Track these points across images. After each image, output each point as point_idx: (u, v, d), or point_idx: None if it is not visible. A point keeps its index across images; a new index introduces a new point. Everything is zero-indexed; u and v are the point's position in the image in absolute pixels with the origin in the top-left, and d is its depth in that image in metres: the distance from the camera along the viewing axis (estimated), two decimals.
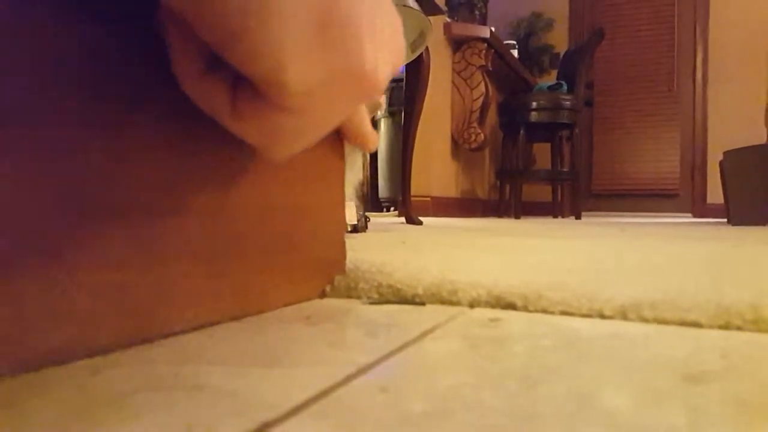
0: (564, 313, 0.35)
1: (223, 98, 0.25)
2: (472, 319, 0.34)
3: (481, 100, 3.00)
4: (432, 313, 0.35)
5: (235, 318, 0.32)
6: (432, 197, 2.72)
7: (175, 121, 0.29)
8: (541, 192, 3.84)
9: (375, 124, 2.95)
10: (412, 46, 1.32)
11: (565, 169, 3.46)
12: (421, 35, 1.31)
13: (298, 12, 0.21)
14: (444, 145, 2.98)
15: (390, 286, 0.39)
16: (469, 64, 3.02)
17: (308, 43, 0.22)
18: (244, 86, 0.24)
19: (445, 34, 2.91)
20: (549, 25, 4.35)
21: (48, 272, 0.23)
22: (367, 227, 1.24)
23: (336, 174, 0.43)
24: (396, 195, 1.92)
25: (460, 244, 0.87)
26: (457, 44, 3.04)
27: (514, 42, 3.82)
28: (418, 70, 1.72)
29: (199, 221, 0.30)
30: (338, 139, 0.43)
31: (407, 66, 1.70)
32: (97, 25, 0.25)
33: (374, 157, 2.91)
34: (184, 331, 0.29)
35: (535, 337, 0.29)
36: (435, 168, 2.80)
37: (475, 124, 3.01)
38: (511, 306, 0.36)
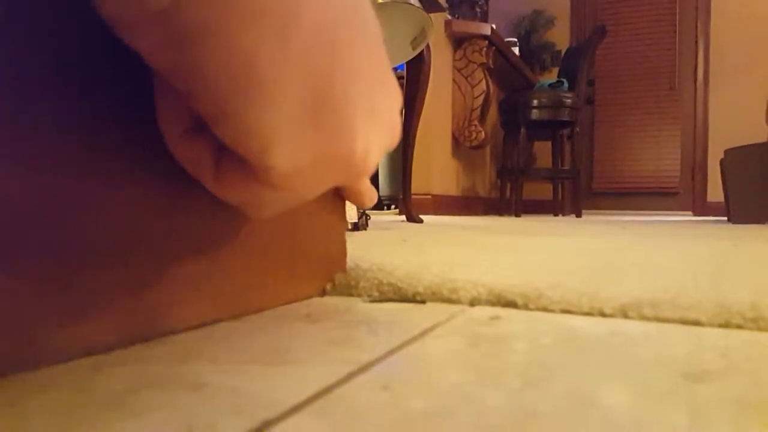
0: (564, 311, 0.35)
1: (206, 162, 0.24)
2: (473, 318, 0.34)
3: (482, 97, 3.00)
4: (432, 311, 0.35)
5: (236, 316, 0.32)
6: (433, 195, 2.71)
7: None
8: (542, 190, 3.84)
9: None
10: (413, 43, 1.32)
11: (565, 168, 3.46)
12: (422, 32, 1.31)
13: (290, 95, 0.20)
14: (445, 143, 2.98)
15: (390, 284, 0.39)
16: (470, 61, 3.01)
17: (299, 127, 0.21)
18: (229, 155, 0.23)
19: (446, 31, 2.90)
20: (550, 22, 4.34)
21: (48, 270, 0.23)
22: (367, 225, 1.24)
23: None
24: (396, 193, 1.92)
25: (460, 242, 0.87)
26: (458, 42, 3.03)
27: (515, 39, 3.81)
28: (419, 68, 1.72)
29: (199, 218, 0.30)
30: None
31: (408, 64, 1.70)
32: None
33: None
34: (184, 330, 0.29)
35: (536, 336, 0.29)
36: (436, 166, 2.80)
37: (476, 122, 3.01)
38: (511, 304, 0.36)
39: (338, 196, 0.43)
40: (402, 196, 1.83)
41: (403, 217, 1.84)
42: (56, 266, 0.23)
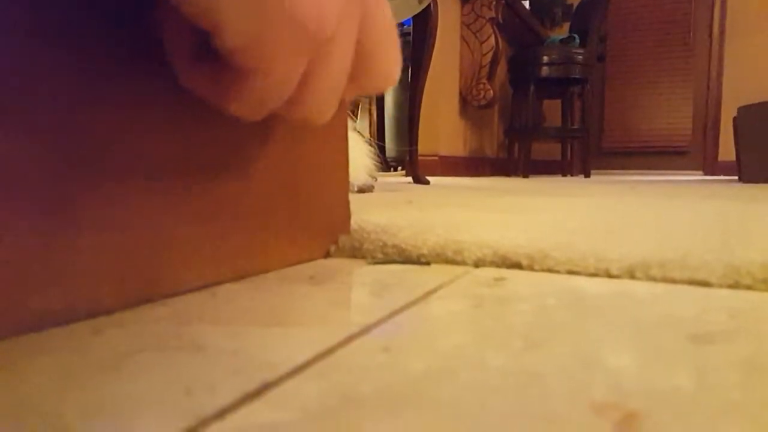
0: (570, 272, 0.35)
1: (184, 46, 0.25)
2: (477, 279, 0.33)
3: (490, 54, 2.93)
4: (437, 272, 0.35)
5: (238, 278, 0.32)
6: (440, 156, 2.69)
7: (173, 82, 0.28)
8: (551, 150, 3.79)
9: None
10: None
11: (575, 126, 3.41)
12: None
13: None
14: (452, 103, 2.93)
15: (395, 246, 0.39)
16: (479, 16, 2.93)
17: None
18: (204, 43, 0.23)
19: None
20: None
21: (49, 232, 0.23)
22: (373, 187, 1.23)
23: (339, 131, 0.42)
24: (403, 154, 1.90)
25: (466, 203, 0.86)
26: None
27: None
28: (426, 24, 1.67)
29: (199, 180, 0.30)
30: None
31: (414, 19, 1.65)
32: None
33: (381, 115, 2.87)
34: (186, 291, 0.29)
35: (541, 297, 0.29)
36: (442, 126, 2.76)
37: (484, 80, 2.95)
38: (516, 265, 0.36)
39: (342, 156, 0.42)
40: (408, 158, 1.82)
41: (410, 179, 1.83)
42: (53, 228, 0.23)
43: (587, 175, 3.11)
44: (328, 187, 0.41)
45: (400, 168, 2.81)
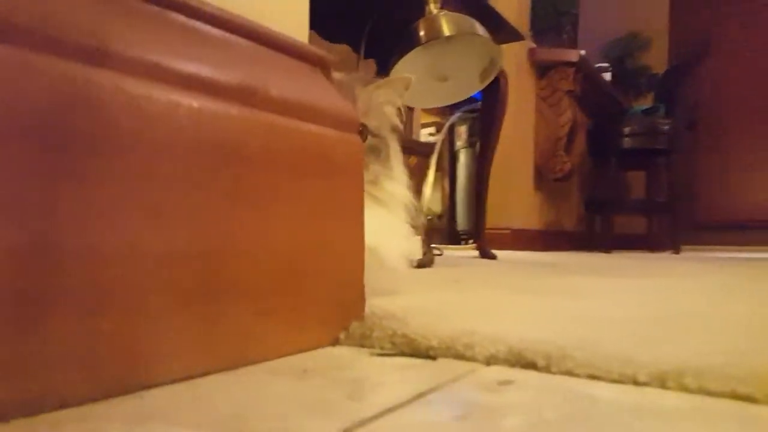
0: (591, 376, 0.31)
1: None
2: (480, 381, 0.30)
3: (568, 126, 2.88)
4: (440, 369, 0.32)
5: (230, 368, 0.31)
6: (512, 229, 2.62)
7: (166, 157, 0.29)
8: (636, 223, 3.59)
9: (455, 155, 2.93)
10: (482, 75, 1.29)
11: (660, 199, 3.22)
12: (492, 63, 1.28)
13: None
14: (526, 175, 2.88)
15: (404, 336, 0.37)
16: (556, 89, 2.92)
17: None
18: None
19: (529, 59, 2.84)
20: (646, 44, 4.13)
21: (19, 319, 0.23)
22: (433, 262, 1.21)
23: (354, 208, 0.41)
24: (474, 227, 1.87)
25: (516, 284, 0.81)
26: (543, 69, 2.95)
27: (608, 64, 3.66)
28: (495, 98, 1.68)
29: (191, 260, 0.30)
30: (357, 170, 0.41)
31: (483, 93, 1.66)
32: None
33: (453, 188, 2.87)
34: (169, 382, 0.28)
35: (540, 408, 0.26)
36: (515, 199, 2.71)
37: (561, 152, 2.89)
38: (531, 365, 0.33)
39: (356, 235, 0.41)
40: (475, 231, 1.78)
41: (478, 253, 1.78)
42: (26, 313, 0.23)
43: (677, 251, 2.90)
44: (339, 268, 0.40)
45: (471, 241, 2.76)
